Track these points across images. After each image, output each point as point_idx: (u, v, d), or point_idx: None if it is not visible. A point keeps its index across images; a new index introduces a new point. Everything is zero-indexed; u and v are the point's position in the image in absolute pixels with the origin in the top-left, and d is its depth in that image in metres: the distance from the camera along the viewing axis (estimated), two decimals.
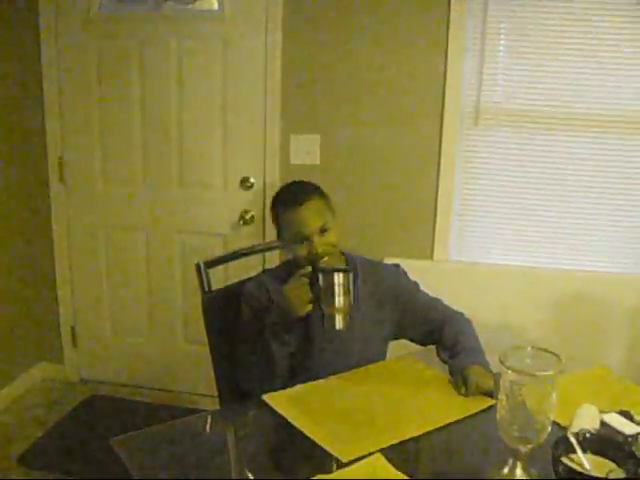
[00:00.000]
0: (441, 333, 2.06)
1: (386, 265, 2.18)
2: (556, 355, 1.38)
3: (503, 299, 3.03)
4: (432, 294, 2.16)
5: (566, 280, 3.03)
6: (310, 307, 1.84)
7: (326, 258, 1.93)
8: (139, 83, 3.28)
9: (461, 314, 2.14)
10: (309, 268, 1.85)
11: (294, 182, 2.07)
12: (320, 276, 1.83)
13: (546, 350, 1.40)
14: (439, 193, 3.07)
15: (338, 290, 1.80)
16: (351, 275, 1.82)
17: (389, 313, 2.07)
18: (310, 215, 1.92)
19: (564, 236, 3.09)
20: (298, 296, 1.83)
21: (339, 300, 1.80)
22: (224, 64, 3.18)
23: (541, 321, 2.98)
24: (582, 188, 3.03)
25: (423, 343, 2.13)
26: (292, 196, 1.97)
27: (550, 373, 1.34)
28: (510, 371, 1.35)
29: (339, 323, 1.82)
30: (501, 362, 1.36)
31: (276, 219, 2.02)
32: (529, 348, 1.43)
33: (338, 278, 1.80)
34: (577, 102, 2.93)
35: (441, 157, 3.02)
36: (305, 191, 1.98)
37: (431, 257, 3.13)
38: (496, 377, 1.65)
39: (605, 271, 3.05)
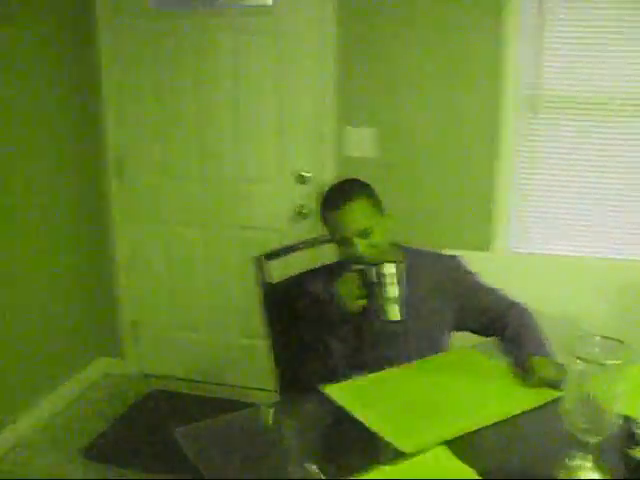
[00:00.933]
0: (503, 324, 2.03)
1: (444, 256, 2.16)
2: (624, 343, 1.34)
3: (564, 290, 2.96)
4: (491, 285, 2.13)
5: (630, 270, 2.95)
6: (362, 302, 1.84)
7: (366, 259, 1.92)
8: (195, 78, 3.31)
9: (522, 304, 2.10)
10: (360, 266, 1.85)
11: (341, 181, 2.07)
12: (368, 270, 1.84)
13: (614, 339, 1.36)
14: (497, 183, 3.01)
15: (387, 281, 1.81)
16: (400, 265, 1.83)
17: (448, 304, 2.06)
18: (350, 218, 1.92)
19: (627, 225, 3.00)
20: (349, 292, 1.84)
21: (388, 291, 1.82)
22: (278, 57, 3.18)
23: (604, 313, 2.90)
24: None
25: (484, 334, 2.10)
26: (334, 198, 1.98)
27: (619, 362, 1.30)
28: (578, 360, 1.31)
29: (391, 313, 1.83)
30: (569, 351, 1.33)
31: (322, 219, 2.02)
32: (597, 337, 1.38)
33: (386, 269, 1.82)
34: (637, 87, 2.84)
35: (499, 146, 2.96)
36: (347, 192, 1.96)
37: (489, 248, 3.08)
38: (562, 368, 1.61)
39: None
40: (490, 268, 2.20)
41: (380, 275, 1.82)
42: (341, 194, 1.97)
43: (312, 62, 3.13)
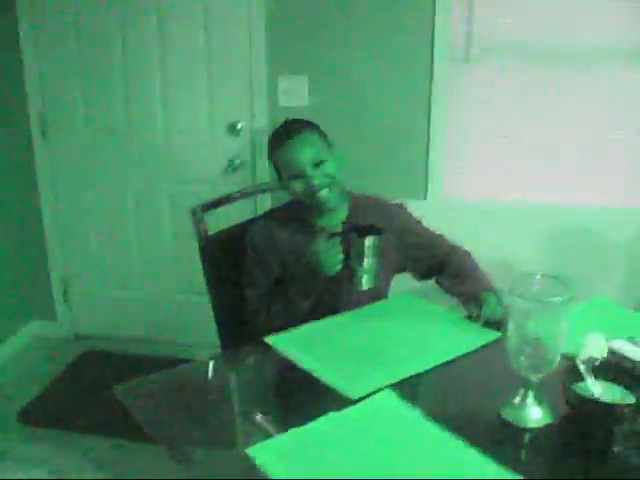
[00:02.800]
0: (445, 263, 2.07)
1: (390, 203, 2.15)
2: (566, 281, 1.35)
3: (498, 236, 3.01)
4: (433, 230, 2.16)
5: (561, 215, 3.02)
6: (339, 265, 1.85)
7: (325, 191, 1.92)
8: (119, 31, 3.19)
9: (464, 247, 2.14)
10: (340, 228, 1.86)
11: (285, 120, 2.03)
12: (351, 238, 1.84)
13: (555, 276, 1.37)
14: (431, 131, 3.01)
15: (368, 252, 1.82)
16: (381, 238, 1.83)
17: (394, 251, 2.05)
18: (301, 148, 1.90)
19: (558, 171, 3.05)
20: (331, 257, 1.82)
21: (368, 261, 1.83)
22: (208, 6, 3.08)
23: (537, 257, 2.97)
24: (576, 122, 2.98)
25: (424, 277, 2.15)
26: (282, 132, 1.96)
27: (561, 299, 1.32)
28: (520, 299, 1.32)
29: (367, 283, 1.86)
30: (511, 290, 1.34)
31: (272, 161, 1.99)
32: (537, 276, 1.40)
33: (369, 241, 1.81)
34: (571, 33, 2.86)
35: (432, 93, 2.96)
36: (294, 126, 1.96)
37: (425, 196, 3.09)
38: (505, 307, 1.64)
39: (600, 205, 3.03)
40: (426, 215, 2.21)
41: (362, 246, 1.82)
42: (289, 129, 1.95)
43: (242, 10, 3.05)
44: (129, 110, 3.29)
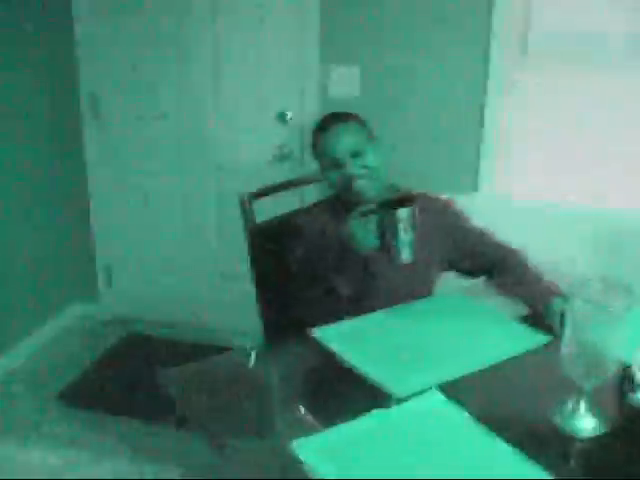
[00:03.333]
0: (501, 263, 2.02)
1: (439, 198, 2.11)
2: (627, 287, 1.30)
3: (547, 237, 2.94)
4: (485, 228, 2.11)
5: (616, 219, 2.93)
6: (377, 244, 1.79)
7: (361, 182, 1.89)
8: (173, 18, 3.17)
9: (521, 250, 2.08)
10: (372, 205, 1.79)
11: (331, 112, 2.04)
12: (387, 214, 1.78)
13: (616, 283, 1.32)
14: (485, 126, 2.95)
15: (403, 224, 1.76)
16: (415, 209, 1.77)
17: (440, 246, 2.02)
18: (340, 137, 1.90)
19: (614, 175, 2.95)
20: (365, 234, 1.78)
21: (403, 235, 1.76)
22: None
23: (587, 260, 2.89)
24: (631, 125, 2.87)
25: (474, 275, 2.09)
26: (325, 121, 1.97)
27: (623, 305, 1.27)
28: (580, 303, 1.27)
29: (404, 256, 1.78)
30: (570, 293, 1.29)
31: (315, 152, 2.00)
32: (598, 280, 1.34)
33: (403, 214, 1.75)
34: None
35: (487, 88, 2.89)
36: (338, 116, 1.97)
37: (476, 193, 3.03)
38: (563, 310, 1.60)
39: None
40: (475, 213, 2.16)
41: (397, 219, 1.76)
42: (332, 119, 1.97)
43: None
44: (180, 95, 3.28)
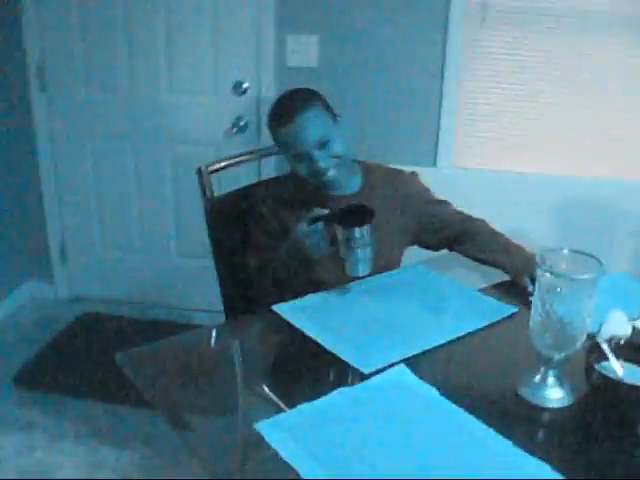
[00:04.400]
0: (468, 232, 1.99)
1: (402, 172, 2.07)
2: (596, 258, 1.29)
3: (507, 207, 2.94)
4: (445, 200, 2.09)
5: (571, 187, 2.94)
6: (329, 251, 1.72)
7: (332, 172, 1.83)
8: None
9: (482, 219, 2.05)
10: (325, 211, 1.71)
11: (288, 92, 1.92)
12: (338, 229, 1.69)
13: (585, 253, 1.31)
14: (443, 97, 2.92)
15: (358, 244, 1.68)
16: (371, 225, 1.68)
17: (405, 220, 1.99)
18: (305, 128, 1.79)
19: (571, 141, 2.97)
20: (315, 241, 1.70)
21: (360, 252, 1.69)
22: None
23: (547, 228, 2.91)
24: (592, 90, 2.89)
25: (440, 247, 2.05)
26: (283, 111, 1.84)
27: (591, 276, 1.25)
28: (548, 274, 1.25)
29: (361, 271, 1.72)
30: (539, 264, 1.27)
31: (273, 138, 1.90)
32: (565, 250, 1.33)
33: (358, 232, 1.67)
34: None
35: (445, 58, 2.86)
36: (297, 103, 1.83)
37: (435, 164, 3.01)
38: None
39: (610, 177, 2.96)
40: (434, 184, 2.13)
41: (353, 238, 1.68)
42: (290, 106, 1.83)
43: None
44: (131, 66, 3.18)
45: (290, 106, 1.83)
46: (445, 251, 2.06)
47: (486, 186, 2.93)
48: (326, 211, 1.72)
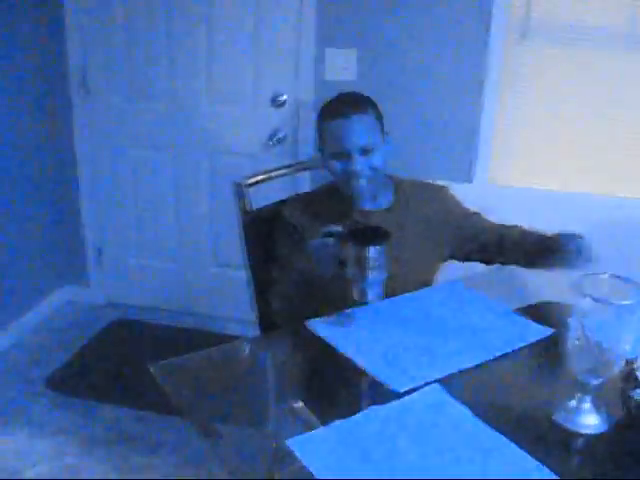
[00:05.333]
0: (509, 237, 1.95)
1: (433, 185, 2.06)
2: (636, 283, 1.27)
3: (544, 224, 2.92)
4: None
5: (612, 207, 2.90)
6: (333, 270, 1.65)
7: (363, 181, 1.83)
8: None
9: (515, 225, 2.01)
10: (339, 228, 1.64)
11: (346, 93, 1.92)
12: (351, 248, 1.59)
13: (624, 278, 1.29)
14: (483, 114, 2.91)
15: (372, 264, 1.58)
16: (387, 246, 1.60)
17: (440, 234, 1.97)
18: (355, 129, 1.79)
19: (612, 162, 2.94)
20: (324, 258, 1.65)
21: (371, 275, 1.59)
22: None
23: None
24: (630, 112, 2.85)
25: (477, 258, 2.00)
26: (340, 106, 1.84)
27: (631, 302, 1.24)
28: (587, 298, 1.24)
29: (370, 297, 1.63)
30: (578, 288, 1.26)
31: (319, 131, 1.89)
32: (606, 275, 1.32)
33: (373, 252, 1.57)
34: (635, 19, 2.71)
35: (486, 74, 2.85)
36: (356, 103, 1.84)
37: (471, 180, 3.00)
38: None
39: None
40: (471, 200, 2.12)
41: (366, 257, 1.58)
42: (347, 103, 1.84)
43: None
44: (172, 75, 3.21)
45: (347, 102, 1.85)
46: (482, 268, 2.04)
47: (521, 204, 2.89)
48: (340, 228, 1.65)
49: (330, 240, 1.62)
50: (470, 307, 1.81)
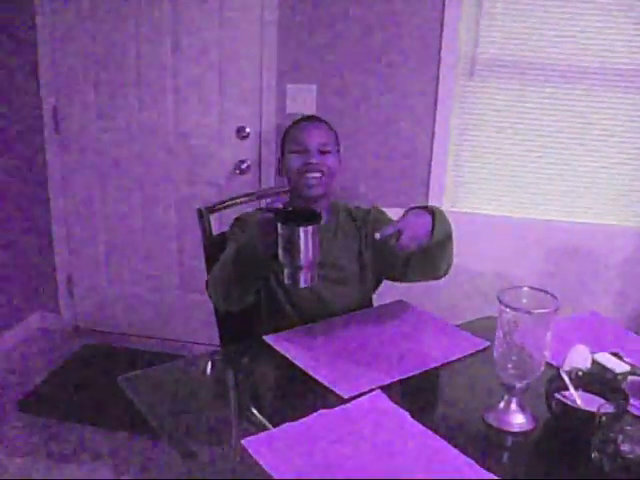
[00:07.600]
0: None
1: (367, 210, 2.12)
2: (552, 295, 1.42)
3: (495, 250, 3.07)
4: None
5: (559, 232, 3.07)
6: (276, 253, 1.59)
7: (317, 175, 1.92)
8: (133, 33, 3.25)
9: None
10: (280, 204, 1.61)
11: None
12: (279, 227, 1.53)
13: (542, 290, 1.44)
14: (434, 144, 3.08)
15: (302, 246, 1.52)
16: (318, 227, 1.56)
17: (370, 256, 2.06)
18: (315, 132, 1.96)
19: (558, 189, 3.11)
20: (263, 235, 1.62)
21: (303, 256, 1.53)
22: (220, 13, 3.15)
23: (534, 272, 3.02)
24: (577, 141, 3.03)
25: (407, 268, 1.92)
26: (302, 118, 2.05)
27: (547, 311, 1.39)
28: (508, 309, 1.39)
29: (302, 282, 1.58)
30: (499, 300, 1.40)
31: (282, 143, 2.03)
32: (525, 288, 1.47)
33: (304, 234, 1.52)
34: (576, 54, 2.92)
35: (437, 107, 3.02)
36: (317, 118, 2.06)
37: None
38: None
39: (598, 223, 3.08)
40: None
41: (292, 238, 1.52)
42: (309, 117, 2.08)
43: (253, 18, 3.12)
44: (141, 110, 3.36)
45: (309, 117, 2.08)
46: (425, 289, 2.14)
47: (474, 229, 3.04)
48: (280, 205, 1.61)
49: (271, 215, 1.58)
50: (414, 321, 1.96)
